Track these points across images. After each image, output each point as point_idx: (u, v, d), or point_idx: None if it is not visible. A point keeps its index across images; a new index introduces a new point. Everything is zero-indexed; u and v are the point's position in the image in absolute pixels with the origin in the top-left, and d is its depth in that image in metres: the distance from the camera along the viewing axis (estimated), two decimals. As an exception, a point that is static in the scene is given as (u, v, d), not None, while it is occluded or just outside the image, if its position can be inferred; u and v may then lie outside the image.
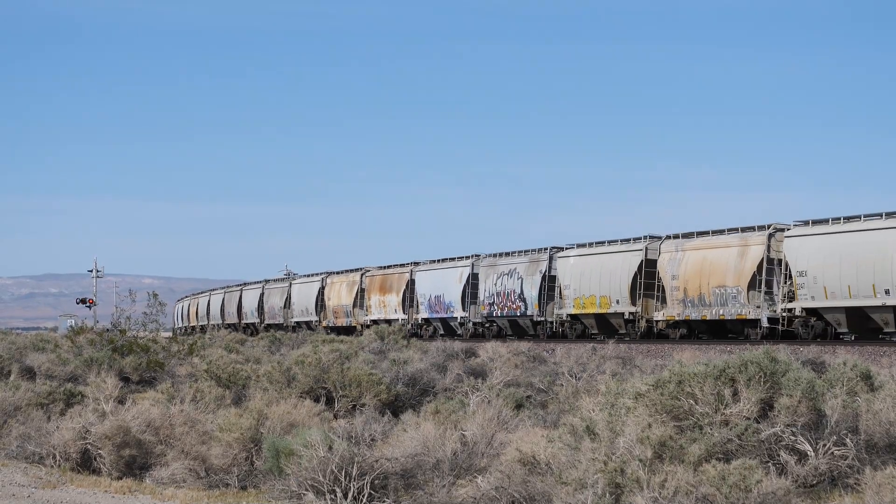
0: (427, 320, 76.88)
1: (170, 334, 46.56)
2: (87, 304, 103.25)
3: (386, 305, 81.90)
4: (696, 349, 43.66)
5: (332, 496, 17.61)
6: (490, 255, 71.27)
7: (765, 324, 49.32)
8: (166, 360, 36.90)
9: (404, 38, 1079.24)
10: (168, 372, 35.63)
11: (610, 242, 60.70)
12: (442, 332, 73.53)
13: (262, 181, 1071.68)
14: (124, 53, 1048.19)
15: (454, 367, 34.36)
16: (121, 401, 24.94)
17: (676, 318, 54.23)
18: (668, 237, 56.84)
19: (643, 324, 56.73)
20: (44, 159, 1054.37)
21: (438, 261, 76.90)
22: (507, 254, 69.49)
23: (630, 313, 57.32)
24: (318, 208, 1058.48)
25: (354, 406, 27.82)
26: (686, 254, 54.13)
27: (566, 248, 64.08)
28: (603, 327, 60.07)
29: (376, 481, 17.87)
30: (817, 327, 47.88)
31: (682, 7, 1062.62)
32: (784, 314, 48.59)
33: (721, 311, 51.63)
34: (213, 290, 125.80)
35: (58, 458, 22.79)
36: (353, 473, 17.70)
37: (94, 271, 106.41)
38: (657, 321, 55.85)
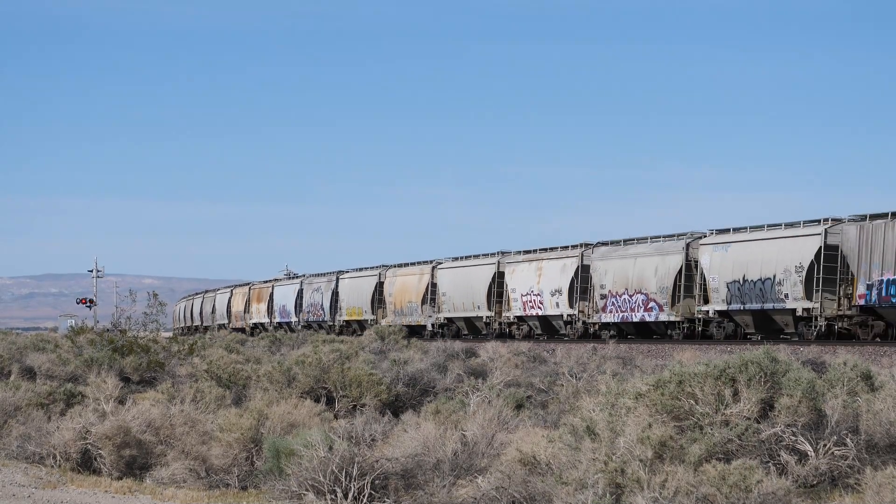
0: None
1: (170, 334, 46.53)
2: (88, 304, 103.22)
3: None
4: (696, 349, 43.75)
5: (333, 496, 17.61)
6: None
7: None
8: (166, 361, 36.90)
9: (404, 38, 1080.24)
10: (168, 372, 35.63)
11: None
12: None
13: (262, 181, 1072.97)
14: (124, 53, 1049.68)
15: (454, 367, 34.36)
16: (121, 401, 24.94)
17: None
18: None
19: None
20: (44, 159, 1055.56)
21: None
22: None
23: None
24: (318, 208, 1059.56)
25: (355, 406, 27.83)
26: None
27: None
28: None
29: (377, 481, 17.87)
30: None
31: (683, 7, 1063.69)
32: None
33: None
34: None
35: (58, 458, 22.79)
36: (354, 473, 17.70)
37: (94, 271, 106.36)
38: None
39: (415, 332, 69.69)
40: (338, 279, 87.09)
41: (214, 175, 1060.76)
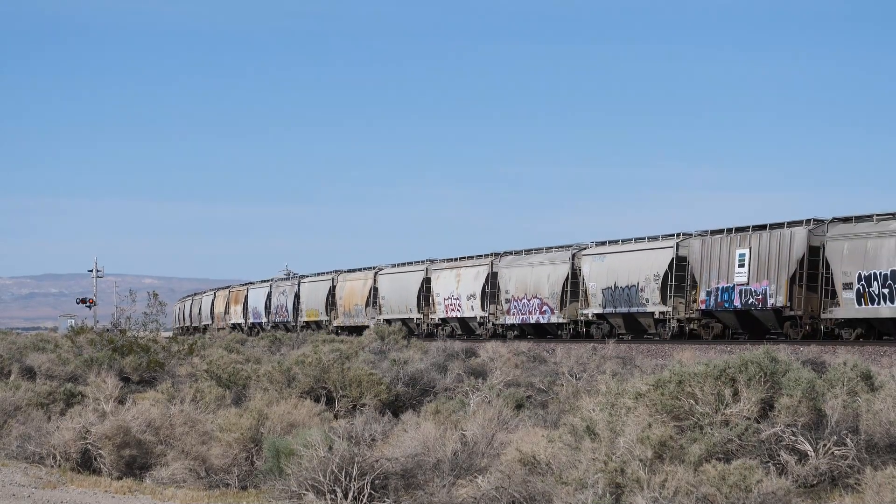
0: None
1: (170, 334, 46.55)
2: (88, 304, 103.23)
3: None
4: (696, 349, 43.88)
5: (333, 496, 17.61)
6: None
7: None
8: (166, 360, 36.91)
9: (404, 38, 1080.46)
10: (168, 372, 35.64)
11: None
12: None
13: (262, 181, 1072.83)
14: (124, 53, 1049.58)
15: (454, 367, 34.36)
16: (121, 401, 24.94)
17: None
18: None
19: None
20: (44, 159, 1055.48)
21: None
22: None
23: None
24: (318, 208, 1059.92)
25: (355, 406, 27.83)
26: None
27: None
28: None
29: (376, 481, 17.87)
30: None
31: (683, 7, 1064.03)
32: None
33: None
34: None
35: (58, 458, 22.80)
36: (354, 473, 17.71)
37: (94, 271, 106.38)
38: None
39: (360, 331, 74.04)
40: (299, 283, 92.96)
41: (214, 175, 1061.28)
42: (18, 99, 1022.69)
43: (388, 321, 74.84)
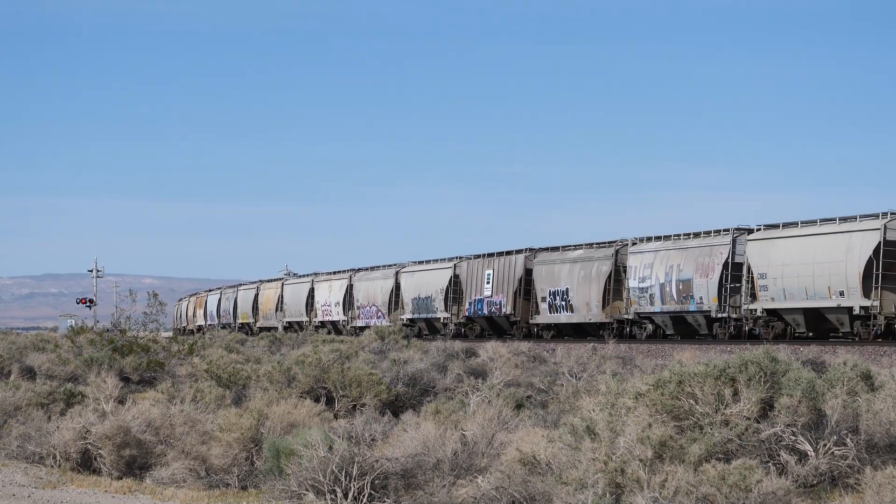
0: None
1: (170, 334, 46.52)
2: (88, 304, 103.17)
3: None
4: (696, 349, 43.92)
5: (333, 496, 17.61)
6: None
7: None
8: (166, 360, 36.86)
9: (404, 38, 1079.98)
10: (168, 372, 35.59)
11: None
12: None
13: (262, 181, 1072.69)
14: (123, 53, 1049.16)
15: (454, 367, 34.34)
16: (121, 401, 24.92)
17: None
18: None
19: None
20: (44, 159, 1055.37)
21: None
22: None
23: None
24: (317, 208, 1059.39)
25: (354, 406, 27.82)
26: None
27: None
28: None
29: (376, 481, 17.87)
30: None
31: (683, 7, 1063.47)
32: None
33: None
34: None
35: (58, 458, 22.79)
36: (354, 473, 17.70)
37: (94, 271, 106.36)
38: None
39: (270, 330, 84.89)
40: (237, 290, 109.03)
41: (214, 175, 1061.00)
42: (18, 99, 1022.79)
43: (289, 324, 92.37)
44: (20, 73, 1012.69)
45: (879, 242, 44.79)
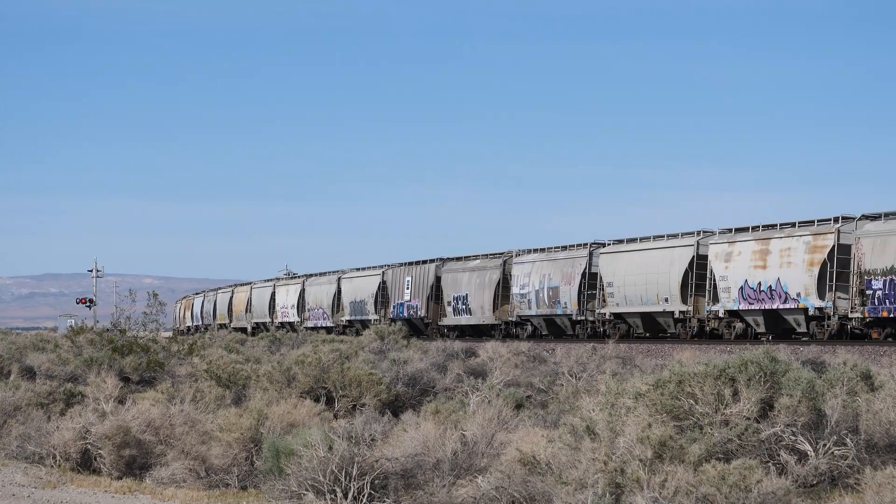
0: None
1: (170, 334, 46.51)
2: (88, 304, 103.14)
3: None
4: (696, 349, 44.00)
5: (333, 496, 17.61)
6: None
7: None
8: (166, 360, 36.86)
9: (405, 38, 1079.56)
10: (168, 372, 35.59)
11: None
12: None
13: (262, 181, 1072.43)
14: (124, 53, 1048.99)
15: (454, 367, 34.35)
16: (121, 401, 24.92)
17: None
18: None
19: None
20: (44, 159, 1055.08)
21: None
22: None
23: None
24: (318, 208, 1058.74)
25: (354, 406, 27.82)
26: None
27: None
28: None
29: (376, 481, 17.86)
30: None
31: (682, 7, 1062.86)
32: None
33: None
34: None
35: (58, 458, 22.79)
36: (354, 473, 17.70)
37: (94, 271, 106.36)
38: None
39: (244, 332, 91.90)
40: (216, 293, 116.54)
41: (214, 175, 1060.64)
42: (18, 99, 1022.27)
43: (256, 325, 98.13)
44: (20, 73, 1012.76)
45: (693, 257, 53.96)
